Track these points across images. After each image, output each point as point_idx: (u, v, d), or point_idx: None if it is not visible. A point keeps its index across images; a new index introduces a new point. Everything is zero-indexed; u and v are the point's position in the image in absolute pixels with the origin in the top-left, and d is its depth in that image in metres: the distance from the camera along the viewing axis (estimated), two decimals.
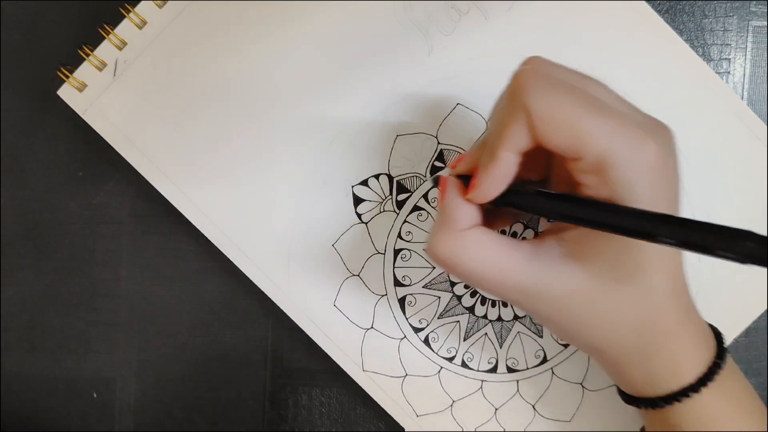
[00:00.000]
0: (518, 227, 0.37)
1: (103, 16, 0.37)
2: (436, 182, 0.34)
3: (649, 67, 0.36)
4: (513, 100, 0.27)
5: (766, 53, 0.38)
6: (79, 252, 0.40)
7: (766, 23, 0.37)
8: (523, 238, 0.37)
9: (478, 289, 0.38)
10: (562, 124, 0.26)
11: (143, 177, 0.37)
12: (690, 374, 0.29)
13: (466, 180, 0.29)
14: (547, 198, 0.28)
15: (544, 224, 0.37)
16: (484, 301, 0.38)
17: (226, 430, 0.40)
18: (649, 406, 0.31)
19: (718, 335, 0.31)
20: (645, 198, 0.26)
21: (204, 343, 0.40)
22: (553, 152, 0.27)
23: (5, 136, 0.40)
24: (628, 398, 0.32)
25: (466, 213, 0.29)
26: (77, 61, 0.37)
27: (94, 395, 0.40)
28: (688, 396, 0.29)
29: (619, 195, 0.26)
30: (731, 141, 0.37)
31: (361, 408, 0.40)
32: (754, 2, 0.37)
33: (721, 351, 0.30)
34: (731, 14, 0.37)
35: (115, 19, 0.37)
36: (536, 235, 0.37)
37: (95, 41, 0.37)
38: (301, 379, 0.40)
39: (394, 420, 0.38)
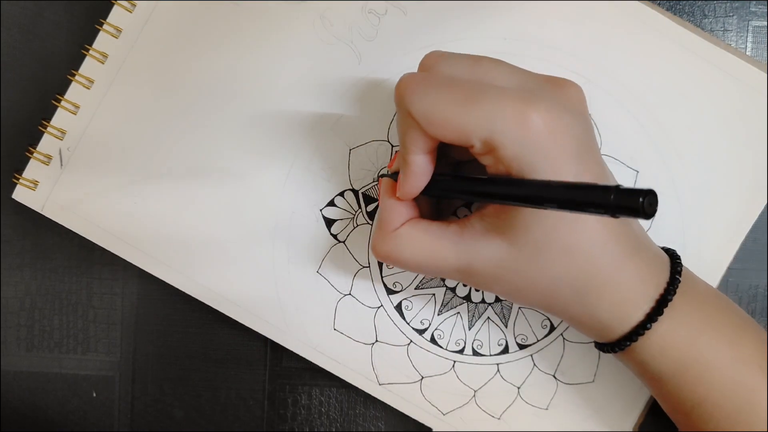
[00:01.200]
0: None
1: (103, 16, 0.37)
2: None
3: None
4: (399, 109, 0.29)
5: (766, 53, 0.38)
6: (79, 252, 0.40)
7: (766, 23, 0.37)
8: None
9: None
10: (442, 122, 0.28)
11: None
12: (638, 312, 0.30)
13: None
14: (456, 182, 0.31)
15: None
16: None
17: (225, 430, 0.40)
18: (611, 351, 0.31)
19: (674, 260, 0.31)
20: (539, 167, 0.27)
21: (204, 343, 0.40)
22: (455, 144, 0.28)
23: (5, 136, 0.40)
24: (598, 345, 0.33)
25: (397, 213, 0.32)
26: (78, 62, 0.37)
27: (94, 395, 0.40)
28: (641, 334, 0.30)
29: (514, 170, 0.27)
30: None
31: (360, 408, 0.40)
32: (754, 2, 0.37)
33: (672, 280, 0.30)
34: (731, 14, 0.37)
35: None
36: None
37: (95, 41, 0.37)
38: (300, 379, 0.40)
39: (395, 420, 0.39)
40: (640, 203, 0.21)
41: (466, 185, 0.30)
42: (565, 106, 0.28)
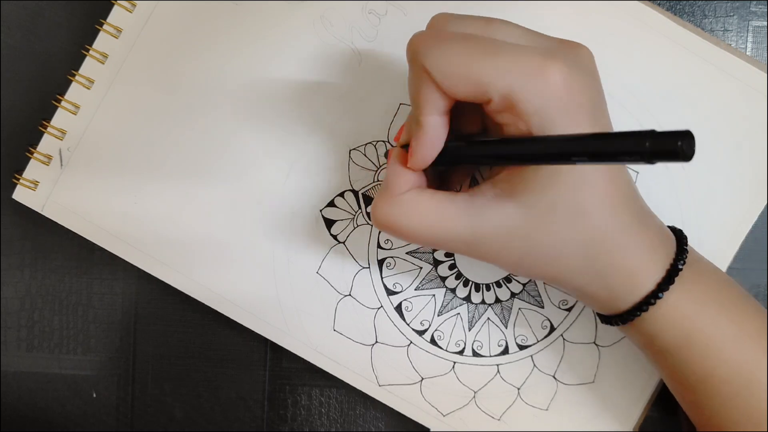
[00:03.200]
0: None
1: (103, 16, 0.37)
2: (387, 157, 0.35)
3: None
4: (413, 65, 0.28)
5: (766, 53, 0.38)
6: (79, 252, 0.40)
7: (766, 23, 0.37)
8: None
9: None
10: (460, 75, 0.27)
11: None
12: (649, 282, 0.29)
13: None
14: (474, 147, 0.29)
15: None
16: (478, 287, 0.38)
17: (225, 430, 0.40)
18: (620, 322, 0.31)
19: (680, 235, 0.31)
20: (559, 122, 0.26)
21: (204, 343, 0.40)
22: (471, 101, 0.28)
23: (5, 136, 0.40)
24: (604, 318, 0.32)
25: (405, 179, 0.30)
26: (78, 62, 0.37)
27: (94, 395, 0.40)
28: (652, 304, 0.29)
29: (534, 126, 0.27)
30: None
31: (360, 408, 0.40)
32: (754, 2, 0.37)
33: (680, 251, 0.30)
34: (731, 14, 0.37)
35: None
36: None
37: (95, 41, 0.37)
38: (300, 380, 0.40)
39: (395, 421, 0.39)
40: (678, 146, 0.20)
41: (487, 149, 0.29)
42: (581, 66, 0.28)
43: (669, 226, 0.32)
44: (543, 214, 0.28)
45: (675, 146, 0.20)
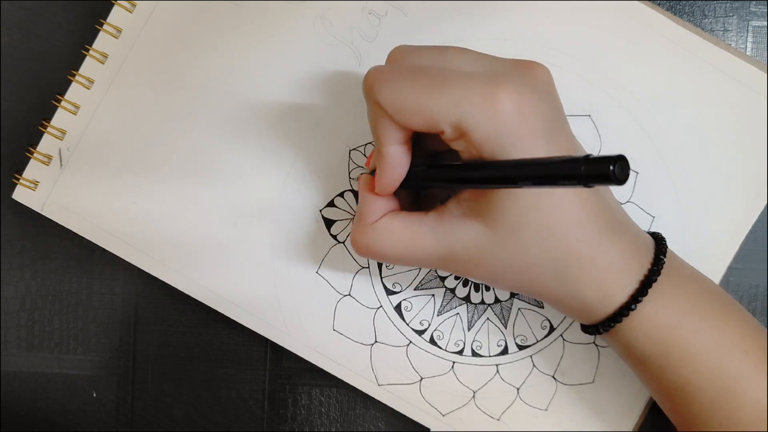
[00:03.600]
0: None
1: (103, 16, 0.37)
2: None
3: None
4: (368, 100, 0.29)
5: (766, 53, 0.38)
6: (79, 252, 0.40)
7: (766, 23, 0.37)
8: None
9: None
10: (411, 110, 0.28)
11: None
12: (622, 293, 0.30)
13: None
14: (430, 171, 0.31)
15: None
16: (477, 287, 0.38)
17: (225, 430, 0.40)
18: (596, 333, 0.31)
19: (659, 244, 0.31)
20: (510, 147, 0.27)
21: (204, 343, 0.40)
22: (427, 132, 0.28)
23: (5, 136, 0.40)
24: (584, 327, 0.33)
25: (376, 206, 0.31)
26: (78, 62, 0.37)
27: (94, 395, 0.40)
28: (625, 315, 0.30)
29: (486, 153, 0.27)
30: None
31: (360, 408, 0.40)
32: (754, 2, 0.37)
33: (657, 261, 0.30)
34: (731, 14, 0.37)
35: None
36: None
37: (94, 41, 0.37)
38: (300, 379, 0.40)
39: (395, 420, 0.39)
40: (610, 170, 0.21)
41: (440, 173, 0.30)
42: (533, 87, 0.28)
43: (651, 233, 0.32)
44: (508, 232, 0.29)
45: (607, 170, 0.21)
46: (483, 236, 0.29)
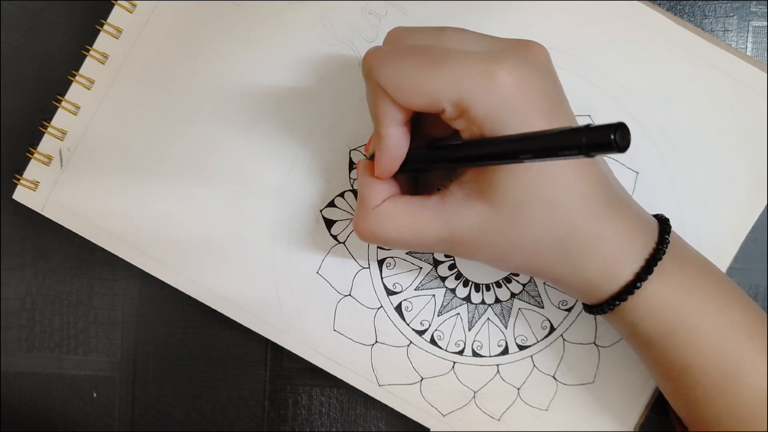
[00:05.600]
0: None
1: (103, 16, 0.37)
2: None
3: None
4: (368, 81, 0.29)
5: (766, 53, 0.38)
6: (79, 252, 0.40)
7: (766, 23, 0.37)
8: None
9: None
10: (411, 88, 0.28)
11: None
12: (627, 271, 0.30)
13: None
14: (431, 152, 0.31)
15: None
16: (477, 287, 0.38)
17: (226, 430, 0.40)
18: (602, 312, 0.31)
19: (663, 224, 0.31)
20: (511, 124, 0.27)
21: (204, 342, 0.40)
22: (427, 111, 0.28)
23: (5, 136, 0.40)
24: (587, 307, 0.32)
25: (377, 191, 0.31)
26: (78, 62, 0.37)
27: (94, 395, 0.40)
28: (631, 293, 0.30)
29: (487, 130, 0.27)
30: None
31: (361, 408, 0.40)
32: (754, 2, 0.37)
33: (661, 240, 0.30)
34: (731, 14, 0.37)
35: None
36: None
37: (95, 41, 0.37)
38: (301, 379, 0.40)
39: (396, 420, 0.39)
40: (612, 138, 0.21)
41: (441, 154, 0.30)
42: (532, 64, 0.28)
43: (655, 215, 0.32)
44: (512, 210, 0.29)
45: (609, 138, 0.21)
46: (487, 216, 0.29)
